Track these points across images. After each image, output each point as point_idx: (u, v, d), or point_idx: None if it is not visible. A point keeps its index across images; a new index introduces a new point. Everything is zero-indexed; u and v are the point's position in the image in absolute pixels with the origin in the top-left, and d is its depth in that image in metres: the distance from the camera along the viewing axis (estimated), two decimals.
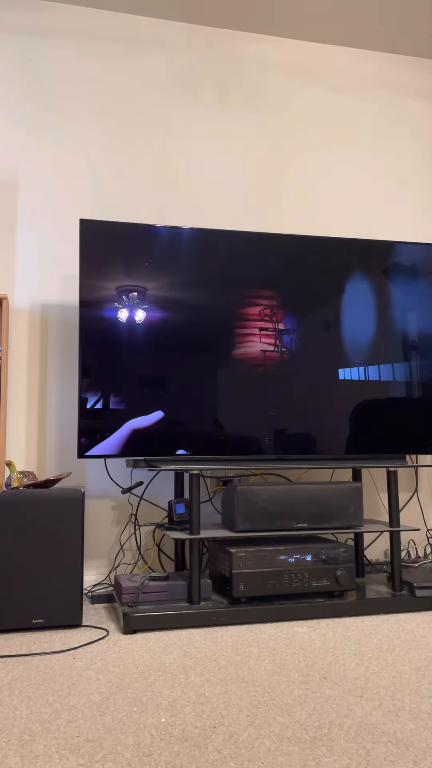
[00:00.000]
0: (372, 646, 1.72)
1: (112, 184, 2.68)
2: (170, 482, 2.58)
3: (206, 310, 2.31)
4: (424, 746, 1.15)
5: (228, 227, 2.78)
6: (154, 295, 2.27)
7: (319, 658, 1.63)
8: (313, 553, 2.06)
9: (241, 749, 1.14)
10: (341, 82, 3.01)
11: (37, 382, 2.51)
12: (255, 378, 2.31)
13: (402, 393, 2.44)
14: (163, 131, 2.77)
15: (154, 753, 1.13)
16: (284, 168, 2.88)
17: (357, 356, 2.42)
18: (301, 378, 2.35)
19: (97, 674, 1.53)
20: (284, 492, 2.10)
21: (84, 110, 2.69)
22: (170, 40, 2.82)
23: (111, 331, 2.22)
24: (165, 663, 1.60)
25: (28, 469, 2.46)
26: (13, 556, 1.88)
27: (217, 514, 2.57)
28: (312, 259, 2.43)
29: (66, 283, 2.58)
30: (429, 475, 2.86)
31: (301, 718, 1.27)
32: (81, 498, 1.95)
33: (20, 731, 1.23)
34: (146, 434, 2.20)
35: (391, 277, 2.49)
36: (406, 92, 3.09)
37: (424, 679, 1.47)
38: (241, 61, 2.90)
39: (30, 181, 2.60)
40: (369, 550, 2.74)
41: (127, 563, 2.50)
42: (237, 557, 1.99)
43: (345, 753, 1.12)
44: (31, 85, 2.65)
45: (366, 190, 2.97)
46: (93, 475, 2.51)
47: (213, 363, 2.28)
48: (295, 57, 2.97)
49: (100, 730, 1.23)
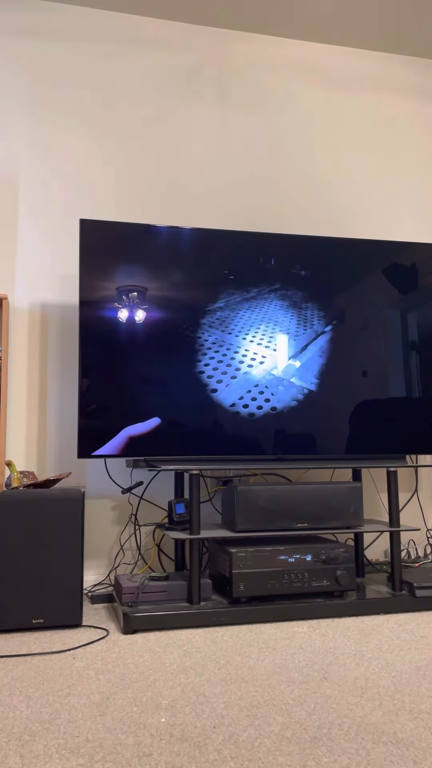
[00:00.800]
0: (372, 646, 1.72)
1: (112, 184, 2.68)
2: (170, 482, 2.58)
3: (206, 310, 2.30)
4: (424, 746, 1.15)
5: (228, 227, 2.78)
6: (154, 295, 2.27)
7: (319, 658, 1.63)
8: (313, 553, 2.06)
9: (241, 749, 1.14)
10: (341, 82, 3.01)
11: (37, 382, 2.51)
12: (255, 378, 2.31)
13: (402, 393, 2.44)
14: (163, 131, 2.77)
15: (154, 753, 1.13)
16: (284, 168, 2.88)
17: (357, 356, 2.42)
18: (301, 378, 2.35)
19: (97, 674, 1.53)
20: (284, 492, 2.10)
21: (84, 110, 2.69)
22: (170, 40, 2.82)
23: (111, 331, 2.22)
24: (165, 663, 1.60)
25: (28, 469, 2.46)
26: (13, 556, 1.88)
27: (217, 514, 2.57)
28: (311, 258, 2.43)
29: (66, 283, 2.58)
30: (429, 475, 2.86)
31: (301, 718, 1.27)
32: (81, 498, 1.95)
33: (20, 731, 1.23)
34: (146, 434, 2.20)
35: (391, 276, 2.49)
36: (406, 92, 3.09)
37: (424, 679, 1.47)
38: (241, 61, 2.90)
39: (30, 181, 2.60)
40: (369, 550, 2.73)
41: (127, 563, 2.50)
42: (237, 557, 1.99)
43: (345, 753, 1.12)
44: (32, 85, 2.65)
45: (366, 189, 2.97)
46: (93, 475, 2.51)
47: (213, 363, 2.28)
48: (295, 57, 2.97)
49: (100, 730, 1.23)
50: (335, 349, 2.40)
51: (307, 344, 2.37)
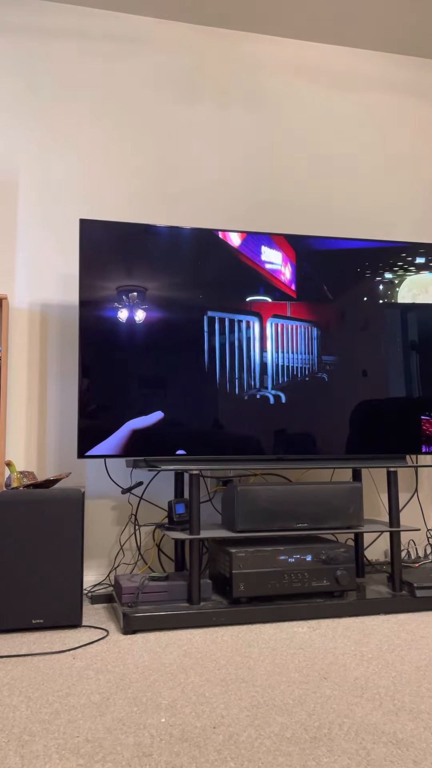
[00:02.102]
0: (372, 646, 1.72)
1: (111, 184, 2.68)
2: (170, 482, 2.58)
3: (206, 310, 2.30)
4: (424, 746, 1.15)
5: (228, 227, 2.78)
6: (154, 295, 2.27)
7: (319, 658, 1.63)
8: (313, 553, 2.06)
9: (241, 749, 1.14)
10: (341, 82, 3.01)
11: (37, 382, 2.51)
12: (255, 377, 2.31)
13: (402, 392, 2.44)
14: (163, 131, 2.77)
15: (154, 753, 1.13)
16: (284, 167, 2.88)
17: (357, 355, 2.42)
18: (301, 377, 2.35)
19: (97, 674, 1.53)
20: (284, 492, 2.10)
21: (84, 110, 2.69)
22: (170, 40, 2.82)
23: (111, 331, 2.22)
24: (165, 663, 1.60)
25: (28, 469, 2.46)
26: (13, 556, 1.88)
27: (217, 514, 2.57)
28: (311, 258, 2.43)
29: (66, 283, 2.58)
30: (429, 475, 2.86)
31: (301, 718, 1.27)
32: (81, 498, 1.95)
33: (20, 731, 1.23)
34: (146, 434, 2.20)
35: (390, 278, 2.49)
36: (406, 92, 3.09)
37: (424, 679, 1.47)
38: (241, 61, 2.90)
39: (30, 181, 2.60)
40: (369, 550, 2.73)
41: (127, 563, 2.50)
42: (237, 557, 1.99)
43: (345, 753, 1.12)
44: (32, 85, 2.65)
45: (365, 189, 2.97)
46: (93, 475, 2.51)
47: (213, 363, 2.28)
48: (295, 57, 2.97)
49: (100, 730, 1.23)
50: (335, 349, 2.40)
51: (308, 344, 2.37)
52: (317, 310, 2.41)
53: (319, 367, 2.38)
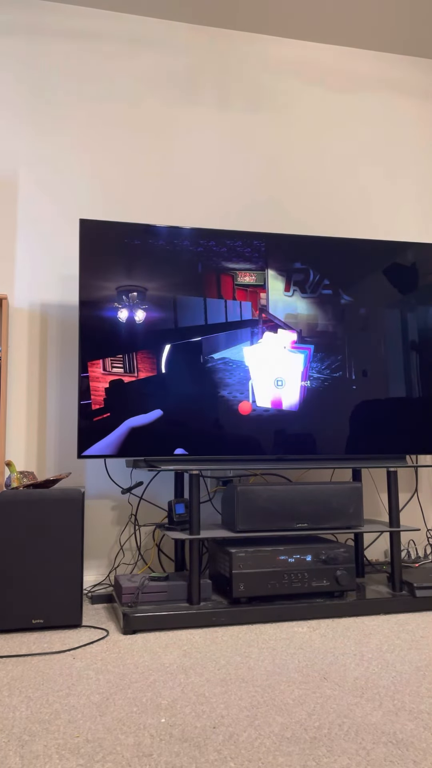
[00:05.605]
0: (372, 646, 1.72)
1: (111, 184, 2.68)
2: (170, 482, 2.58)
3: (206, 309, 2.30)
4: (424, 746, 1.15)
5: (228, 227, 2.77)
6: (154, 295, 2.27)
7: (319, 658, 1.63)
8: (313, 553, 2.06)
9: (241, 749, 1.14)
10: (341, 82, 3.01)
11: (37, 382, 2.51)
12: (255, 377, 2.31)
13: (402, 393, 2.44)
14: (163, 131, 2.77)
15: (154, 753, 1.13)
16: (284, 167, 2.88)
17: (357, 355, 2.42)
18: (301, 377, 2.35)
19: (97, 674, 1.53)
20: (284, 492, 2.10)
21: (84, 110, 2.69)
22: (170, 40, 2.82)
23: (111, 331, 2.22)
24: (165, 663, 1.60)
25: (28, 469, 2.46)
26: (13, 556, 1.88)
27: (217, 514, 2.57)
28: (311, 258, 2.43)
29: (66, 283, 2.58)
30: (429, 475, 2.86)
31: (301, 718, 1.27)
32: (81, 498, 1.95)
33: (20, 731, 1.23)
34: (146, 434, 2.20)
35: (392, 276, 2.49)
36: (406, 92, 3.09)
37: (424, 679, 1.47)
38: (241, 61, 2.90)
39: (30, 181, 2.60)
40: (369, 550, 2.73)
41: (127, 563, 2.50)
42: (237, 557, 1.99)
43: (345, 753, 1.12)
44: (32, 85, 2.65)
45: (366, 189, 2.97)
46: (93, 475, 2.51)
47: (213, 363, 2.28)
48: (295, 57, 2.97)
49: (100, 731, 1.22)
50: (336, 349, 2.40)
51: (308, 344, 2.37)
52: (317, 310, 2.40)
53: (319, 367, 2.38)
